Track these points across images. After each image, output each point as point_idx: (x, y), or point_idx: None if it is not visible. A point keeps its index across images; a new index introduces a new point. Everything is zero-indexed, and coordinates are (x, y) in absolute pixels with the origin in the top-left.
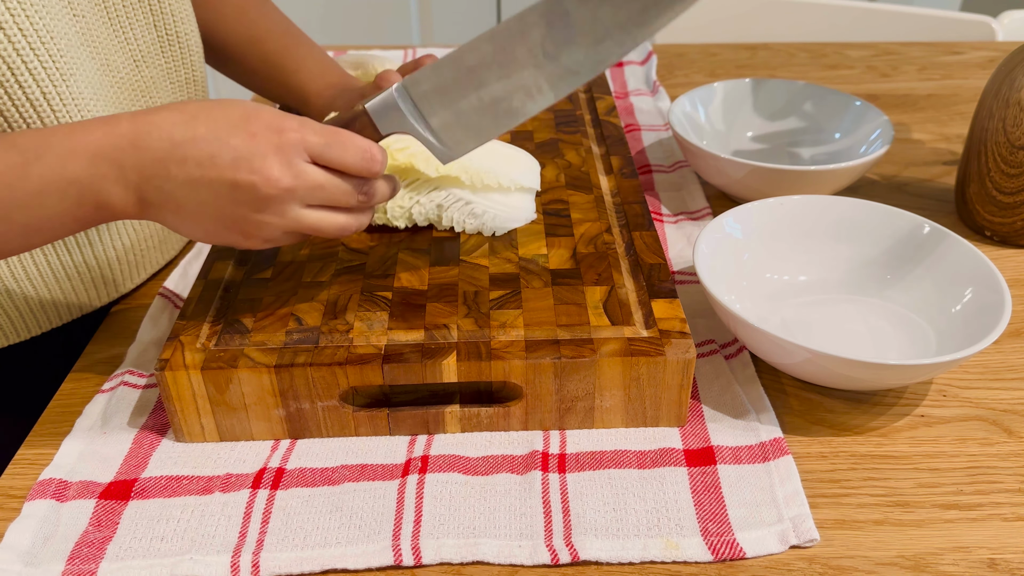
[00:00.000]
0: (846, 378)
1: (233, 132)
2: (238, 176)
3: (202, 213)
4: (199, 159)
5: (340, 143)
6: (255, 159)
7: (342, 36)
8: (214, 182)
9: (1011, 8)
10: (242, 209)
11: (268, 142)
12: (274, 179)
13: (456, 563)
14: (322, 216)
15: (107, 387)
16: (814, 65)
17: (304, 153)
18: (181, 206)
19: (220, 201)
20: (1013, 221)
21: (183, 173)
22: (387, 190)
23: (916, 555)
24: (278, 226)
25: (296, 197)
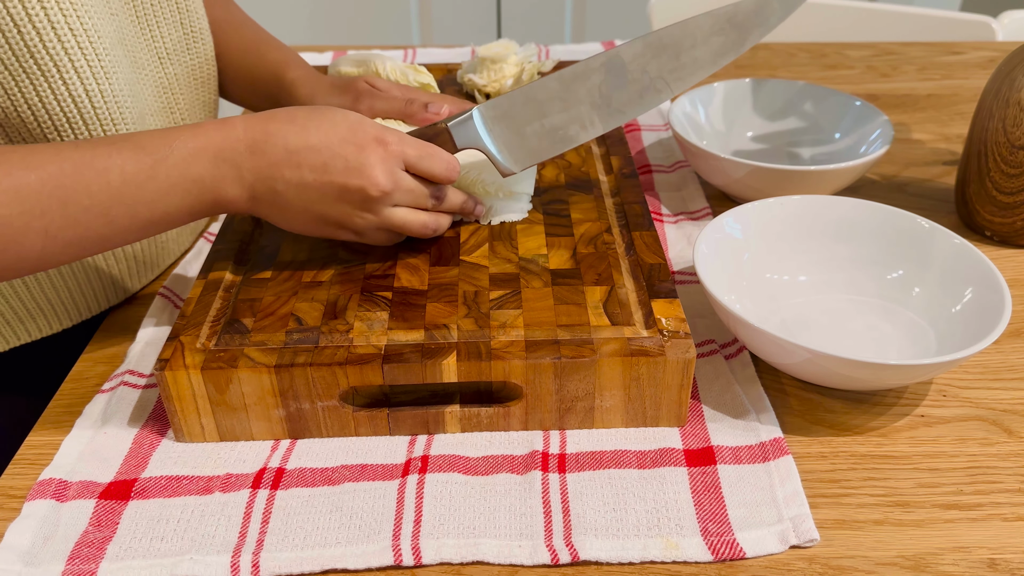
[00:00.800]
0: (846, 378)
1: (344, 143)
2: (349, 181)
3: (307, 211)
4: (313, 165)
5: (431, 156)
6: (364, 168)
7: (342, 36)
8: (325, 186)
9: (1011, 8)
10: (346, 208)
11: (375, 153)
12: (380, 184)
13: (456, 563)
14: (407, 214)
15: (107, 387)
16: (814, 65)
17: (402, 163)
18: (289, 204)
19: (326, 200)
20: (1013, 221)
21: (296, 176)
22: (457, 198)
23: (916, 555)
24: (372, 222)
25: (391, 200)
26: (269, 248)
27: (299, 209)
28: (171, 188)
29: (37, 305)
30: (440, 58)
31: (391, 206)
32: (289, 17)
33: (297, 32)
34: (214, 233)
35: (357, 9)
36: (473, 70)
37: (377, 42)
